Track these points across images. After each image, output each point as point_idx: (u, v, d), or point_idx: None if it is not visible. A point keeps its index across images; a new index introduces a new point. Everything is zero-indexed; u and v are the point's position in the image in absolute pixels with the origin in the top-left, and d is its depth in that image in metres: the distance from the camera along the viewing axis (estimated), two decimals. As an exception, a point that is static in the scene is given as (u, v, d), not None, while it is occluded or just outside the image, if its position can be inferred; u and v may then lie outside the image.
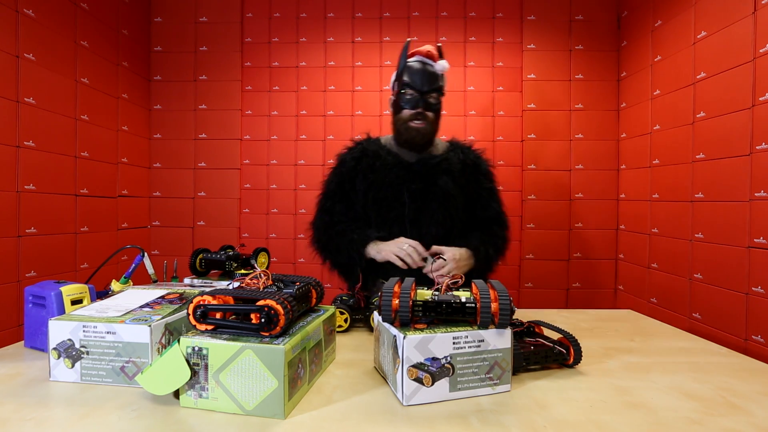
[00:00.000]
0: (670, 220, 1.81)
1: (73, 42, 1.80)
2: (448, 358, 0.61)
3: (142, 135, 2.29)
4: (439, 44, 1.20)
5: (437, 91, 1.15)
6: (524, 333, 0.78)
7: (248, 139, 2.36)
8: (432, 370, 0.60)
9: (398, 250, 1.08)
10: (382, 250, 1.11)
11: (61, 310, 0.78)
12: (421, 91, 1.13)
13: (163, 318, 0.67)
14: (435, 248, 1.10)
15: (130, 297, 0.77)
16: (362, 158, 1.20)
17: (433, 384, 0.60)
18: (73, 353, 0.65)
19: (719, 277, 1.52)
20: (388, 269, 1.12)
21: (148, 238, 2.34)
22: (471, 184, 1.22)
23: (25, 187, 1.56)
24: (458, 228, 1.20)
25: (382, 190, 1.16)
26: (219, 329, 0.60)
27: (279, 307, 0.58)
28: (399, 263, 1.08)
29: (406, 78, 1.14)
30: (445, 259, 1.07)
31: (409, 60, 1.17)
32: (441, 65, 1.15)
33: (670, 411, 0.59)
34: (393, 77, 1.20)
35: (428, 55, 1.15)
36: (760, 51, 1.37)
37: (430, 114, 1.16)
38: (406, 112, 1.16)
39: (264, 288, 0.67)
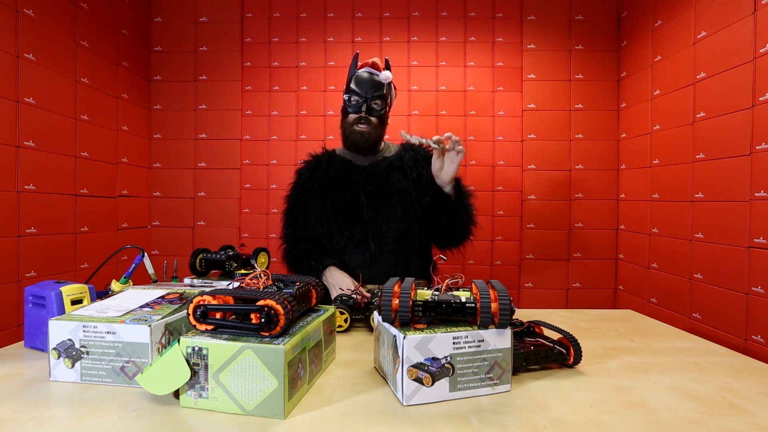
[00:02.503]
0: (670, 220, 1.81)
1: (73, 42, 1.80)
2: (448, 358, 0.61)
3: (142, 135, 2.28)
4: (387, 57, 1.30)
5: (381, 98, 1.23)
6: (524, 333, 0.78)
7: (248, 139, 2.36)
8: (432, 370, 0.60)
9: (344, 287, 1.11)
10: (331, 286, 1.14)
11: (61, 310, 0.78)
12: (365, 97, 1.22)
13: (163, 318, 0.67)
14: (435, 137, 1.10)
15: (130, 297, 0.77)
16: (316, 168, 1.30)
17: (433, 384, 0.60)
18: (73, 353, 0.65)
19: (719, 277, 1.52)
20: (345, 265, 1.20)
21: (148, 238, 2.34)
22: (423, 173, 1.25)
23: (25, 187, 1.56)
24: (416, 223, 1.25)
25: (339, 194, 1.23)
26: (219, 329, 0.60)
27: (279, 307, 0.58)
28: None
29: (353, 86, 1.23)
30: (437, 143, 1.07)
31: (357, 71, 1.26)
32: (384, 75, 1.24)
33: (670, 411, 0.59)
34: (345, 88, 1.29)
35: (374, 66, 1.26)
36: (760, 51, 1.37)
37: (373, 119, 1.24)
38: (351, 116, 1.24)
39: (264, 288, 0.67)
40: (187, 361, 0.57)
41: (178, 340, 0.58)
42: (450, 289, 0.71)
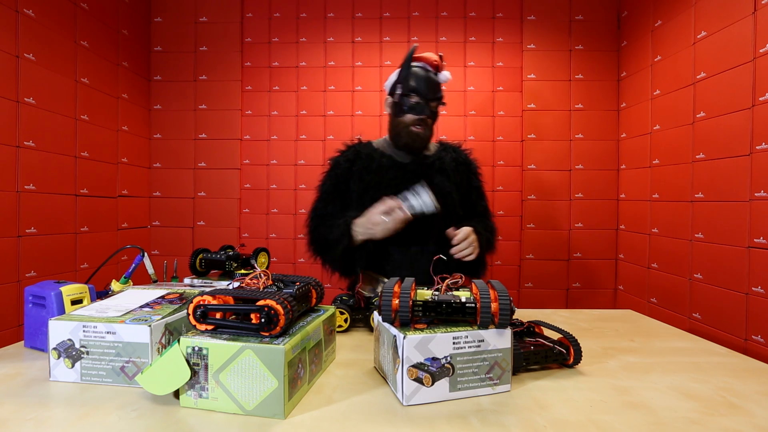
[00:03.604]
0: (670, 220, 1.81)
1: (73, 42, 1.80)
2: (448, 358, 0.61)
3: (142, 135, 2.28)
4: (441, 54, 1.23)
5: (439, 100, 1.19)
6: (524, 333, 0.78)
7: (248, 139, 2.36)
8: (432, 370, 0.60)
9: (383, 227, 1.06)
10: (365, 223, 1.09)
11: (61, 310, 0.78)
12: (426, 98, 1.16)
13: (163, 318, 0.67)
14: (449, 231, 1.10)
15: (130, 297, 0.77)
16: (356, 160, 1.23)
17: (433, 384, 0.60)
18: (73, 353, 0.65)
19: (719, 277, 1.52)
20: (384, 264, 1.15)
21: (148, 238, 2.34)
22: (464, 182, 1.26)
23: (25, 187, 1.56)
24: (455, 224, 1.22)
25: (379, 191, 1.17)
26: (219, 329, 0.60)
27: (279, 307, 0.58)
28: (385, 220, 1.06)
29: (412, 83, 1.16)
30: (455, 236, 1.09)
31: (413, 65, 1.18)
32: (444, 76, 1.19)
33: (670, 411, 0.59)
34: (392, 79, 1.22)
35: (434, 64, 1.19)
36: (760, 51, 1.37)
37: (429, 121, 1.20)
38: (410, 117, 1.18)
39: (264, 288, 0.67)
40: (187, 361, 0.57)
41: (178, 340, 0.58)
42: (450, 289, 0.71)
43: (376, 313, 0.75)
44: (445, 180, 1.20)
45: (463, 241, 1.08)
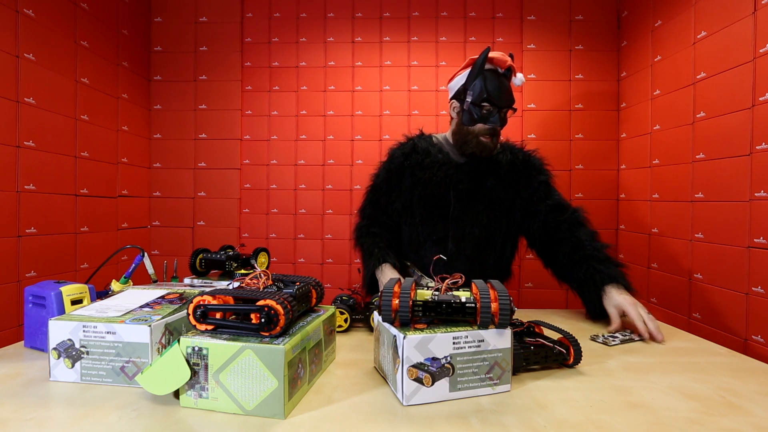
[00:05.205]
0: (670, 220, 1.81)
1: (73, 42, 1.80)
2: (448, 358, 0.61)
3: (142, 135, 2.28)
4: (511, 54, 1.15)
5: (510, 106, 1.13)
6: (524, 333, 0.78)
7: (248, 139, 2.36)
8: (432, 370, 0.60)
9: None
10: (381, 283, 1.11)
11: (61, 310, 0.78)
12: (500, 107, 1.11)
13: (163, 318, 0.67)
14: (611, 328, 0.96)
15: (130, 297, 0.77)
16: (412, 154, 1.22)
17: (433, 384, 0.60)
18: (73, 353, 0.65)
19: (719, 277, 1.52)
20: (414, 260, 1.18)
21: (148, 238, 2.34)
22: (521, 181, 1.20)
23: (25, 187, 1.56)
24: (501, 233, 1.20)
25: (429, 187, 1.17)
26: (219, 329, 0.60)
27: (279, 307, 0.58)
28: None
29: (485, 92, 1.09)
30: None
31: (486, 69, 1.11)
32: (519, 79, 1.12)
33: (670, 411, 0.59)
34: (459, 81, 1.15)
35: (506, 66, 1.11)
36: (760, 51, 1.37)
37: (499, 129, 1.14)
38: (481, 127, 1.12)
39: (264, 288, 0.67)
40: (187, 361, 0.57)
41: (178, 340, 0.58)
42: (450, 289, 0.71)
43: (376, 313, 0.75)
44: (496, 184, 1.17)
45: (642, 322, 0.91)
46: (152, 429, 0.53)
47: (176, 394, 0.61)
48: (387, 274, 1.11)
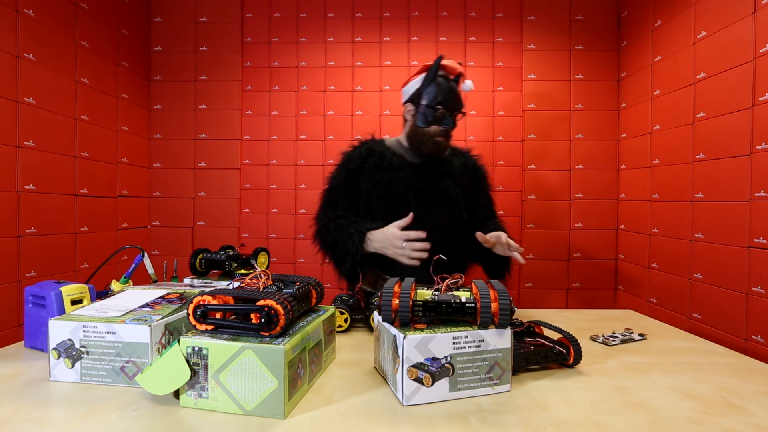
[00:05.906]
0: (670, 220, 1.81)
1: (73, 42, 1.80)
2: (448, 358, 0.61)
3: (142, 135, 2.28)
4: (460, 62, 1.28)
5: (461, 110, 1.22)
6: (524, 333, 0.78)
7: (248, 139, 2.36)
8: (432, 370, 0.60)
9: (399, 253, 1.08)
10: (383, 239, 1.11)
11: (61, 310, 0.78)
12: (452, 110, 1.19)
13: (163, 318, 0.67)
14: (479, 235, 1.09)
15: (130, 297, 0.77)
16: (368, 157, 1.25)
17: (433, 384, 0.60)
18: (73, 353, 0.65)
19: (719, 277, 1.52)
20: (391, 263, 1.14)
21: (148, 238, 2.34)
22: (472, 186, 1.31)
23: (25, 187, 1.56)
24: (458, 226, 1.26)
25: (388, 188, 1.21)
26: (219, 329, 0.60)
27: (279, 307, 0.58)
28: (407, 263, 1.08)
29: (438, 95, 1.17)
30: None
31: (439, 75, 1.19)
32: (467, 85, 1.22)
33: (670, 411, 0.59)
34: (413, 87, 1.23)
35: (458, 75, 1.22)
36: (760, 51, 1.37)
37: (451, 131, 1.23)
38: (435, 128, 1.20)
39: (264, 288, 0.67)
40: (187, 361, 0.57)
41: (178, 340, 0.58)
42: (450, 289, 0.71)
43: (376, 313, 0.75)
44: (452, 184, 1.25)
45: (499, 245, 1.07)
46: (152, 429, 0.53)
47: (176, 394, 0.60)
48: (377, 237, 1.12)
